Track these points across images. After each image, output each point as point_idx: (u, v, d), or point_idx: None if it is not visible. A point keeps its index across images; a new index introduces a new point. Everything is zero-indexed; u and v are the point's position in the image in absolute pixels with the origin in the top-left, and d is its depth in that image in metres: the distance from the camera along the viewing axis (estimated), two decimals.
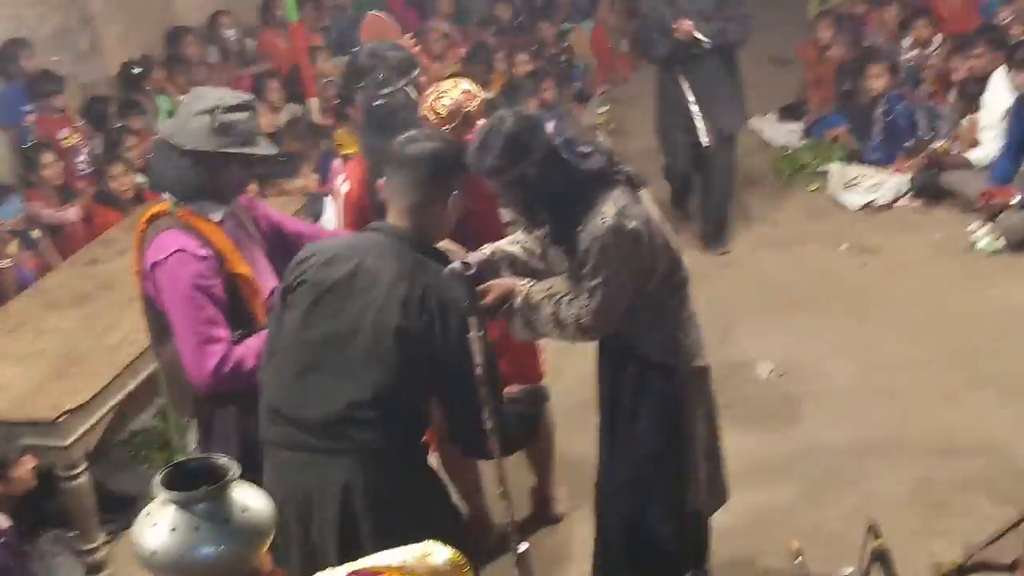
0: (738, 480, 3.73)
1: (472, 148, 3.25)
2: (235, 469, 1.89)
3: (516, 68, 8.84)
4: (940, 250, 6.57)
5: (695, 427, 3.52)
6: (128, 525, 4.69)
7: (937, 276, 6.25)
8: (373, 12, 7.07)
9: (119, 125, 7.13)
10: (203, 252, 3.26)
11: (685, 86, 6.51)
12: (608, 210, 3.19)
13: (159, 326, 3.41)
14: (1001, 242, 6.39)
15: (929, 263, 6.43)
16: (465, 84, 3.99)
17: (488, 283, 3.31)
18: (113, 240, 5.66)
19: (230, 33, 8.45)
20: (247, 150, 3.32)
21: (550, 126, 3.32)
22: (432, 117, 3.85)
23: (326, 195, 6.97)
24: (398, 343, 2.90)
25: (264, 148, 3.43)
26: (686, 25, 6.28)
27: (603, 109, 9.60)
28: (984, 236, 6.46)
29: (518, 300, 3.32)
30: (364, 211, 3.83)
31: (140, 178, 6.72)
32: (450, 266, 3.04)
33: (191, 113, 3.27)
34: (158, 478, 1.87)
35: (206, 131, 3.24)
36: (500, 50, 9.36)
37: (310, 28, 8.86)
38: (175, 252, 3.23)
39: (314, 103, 7.54)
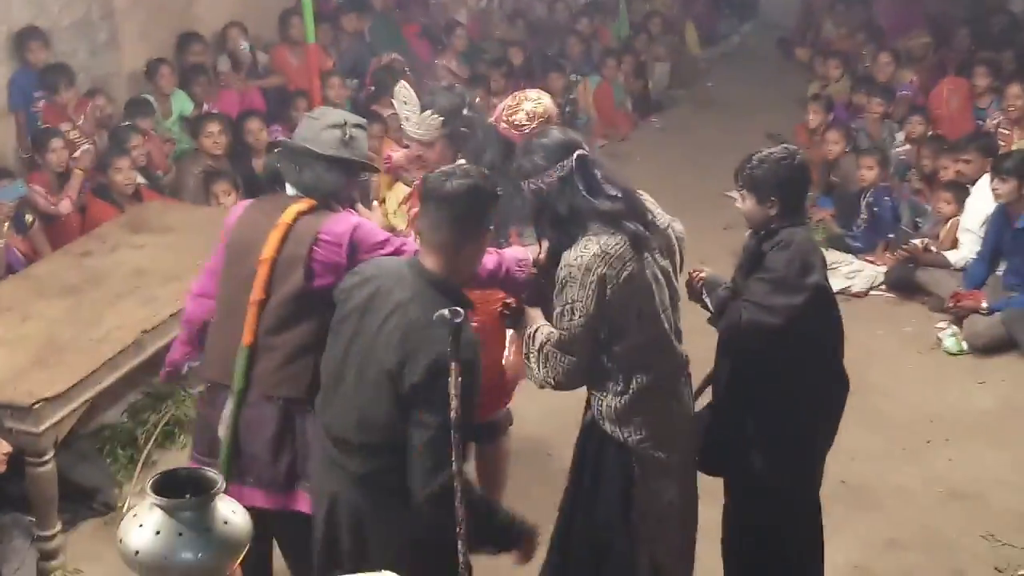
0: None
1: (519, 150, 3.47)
2: (221, 483, 2.00)
3: None
4: (907, 344, 6.67)
5: (645, 512, 3.47)
6: (85, 516, 4.80)
7: (901, 370, 6.35)
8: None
9: (125, 124, 7.22)
10: None
11: None
12: (591, 247, 3.23)
13: (291, 311, 3.46)
14: (965, 345, 6.48)
15: (895, 356, 6.52)
16: (533, 93, 4.19)
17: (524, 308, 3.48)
18: (107, 235, 5.70)
19: (242, 45, 8.53)
20: (368, 161, 3.72)
21: (587, 151, 3.38)
22: (509, 128, 4.03)
23: None
24: (384, 377, 2.96)
25: (376, 163, 3.93)
26: None
27: None
28: (950, 337, 6.52)
29: (529, 330, 3.38)
30: None
31: (140, 178, 6.83)
32: (439, 312, 3.12)
33: (322, 126, 3.56)
34: (149, 483, 1.98)
35: (338, 142, 3.54)
36: (504, 92, 9.47)
37: (324, 50, 8.97)
38: (359, 222, 3.50)
39: None
